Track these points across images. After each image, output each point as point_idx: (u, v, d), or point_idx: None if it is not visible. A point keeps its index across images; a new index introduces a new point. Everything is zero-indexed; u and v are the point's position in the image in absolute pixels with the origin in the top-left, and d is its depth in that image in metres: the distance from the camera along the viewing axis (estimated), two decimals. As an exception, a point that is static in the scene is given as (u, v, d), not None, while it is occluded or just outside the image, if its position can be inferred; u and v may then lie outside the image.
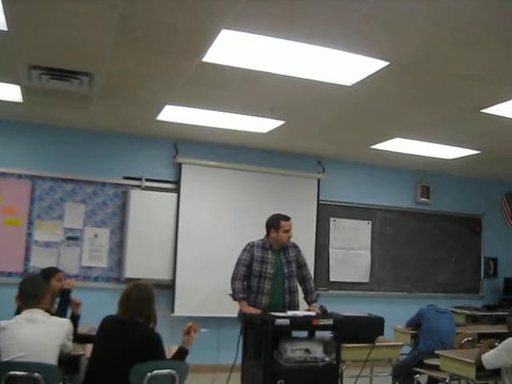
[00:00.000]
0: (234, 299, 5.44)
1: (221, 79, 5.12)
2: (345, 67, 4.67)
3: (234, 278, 5.49)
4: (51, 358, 3.65)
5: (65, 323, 3.94)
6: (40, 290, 3.96)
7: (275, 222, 5.60)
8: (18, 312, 3.97)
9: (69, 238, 7.37)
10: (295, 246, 5.71)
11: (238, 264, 5.53)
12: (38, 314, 3.80)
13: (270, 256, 5.53)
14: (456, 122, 6.21)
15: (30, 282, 4.05)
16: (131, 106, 6.30)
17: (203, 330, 4.09)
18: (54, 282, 4.79)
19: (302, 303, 5.67)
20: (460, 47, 4.14)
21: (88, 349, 4.03)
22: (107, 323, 3.87)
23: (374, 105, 5.77)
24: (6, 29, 4.12)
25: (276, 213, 5.72)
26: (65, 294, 4.80)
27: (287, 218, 5.62)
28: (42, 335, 3.68)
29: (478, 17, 3.61)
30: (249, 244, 5.61)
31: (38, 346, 3.62)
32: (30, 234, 7.22)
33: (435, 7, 3.50)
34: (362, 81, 4.93)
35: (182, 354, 3.91)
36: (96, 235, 7.49)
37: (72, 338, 4.00)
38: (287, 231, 5.55)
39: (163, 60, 4.72)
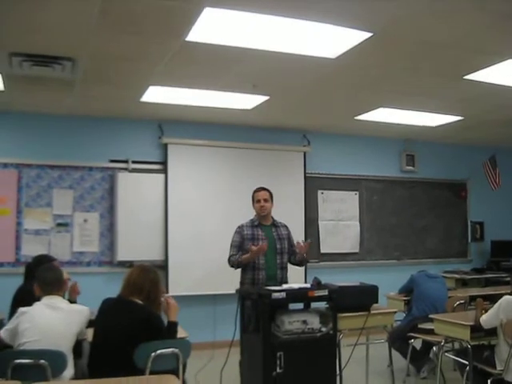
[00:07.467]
0: (238, 265, 5.45)
1: (204, 58, 5.11)
2: (328, 40, 4.67)
3: (229, 260, 5.50)
4: (66, 345, 3.69)
5: (85, 311, 3.95)
6: (60, 277, 4.02)
7: (252, 196, 5.65)
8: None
9: (59, 225, 7.35)
10: (286, 226, 5.71)
11: (230, 247, 5.55)
12: (57, 300, 3.85)
13: (260, 232, 5.53)
14: (439, 89, 6.26)
15: (49, 270, 4.07)
16: (115, 89, 6.26)
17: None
18: None
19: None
20: (439, 16, 4.17)
21: (89, 333, 4.06)
22: (106, 305, 3.91)
23: (357, 76, 5.79)
24: (-15, 17, 4.08)
25: None
26: None
27: (259, 189, 5.63)
28: (61, 322, 3.72)
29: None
30: (238, 227, 5.61)
31: (55, 333, 3.65)
32: (19, 223, 7.18)
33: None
34: (345, 53, 4.94)
35: (172, 326, 3.97)
36: (86, 220, 7.48)
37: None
38: (258, 201, 5.55)
39: (146, 41, 4.69)
